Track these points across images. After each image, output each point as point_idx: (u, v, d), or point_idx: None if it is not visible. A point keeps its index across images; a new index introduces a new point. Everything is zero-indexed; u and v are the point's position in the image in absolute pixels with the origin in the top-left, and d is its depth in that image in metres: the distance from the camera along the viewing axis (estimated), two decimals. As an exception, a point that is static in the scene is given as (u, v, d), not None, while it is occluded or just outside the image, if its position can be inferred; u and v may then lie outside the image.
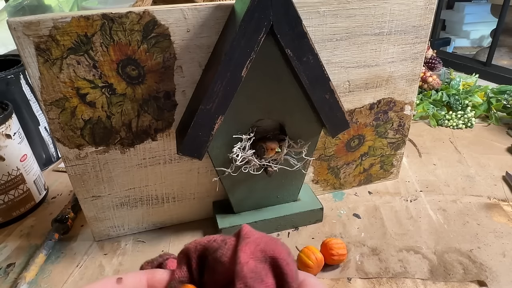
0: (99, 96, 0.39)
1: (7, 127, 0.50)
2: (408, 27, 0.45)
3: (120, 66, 0.38)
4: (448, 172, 0.60)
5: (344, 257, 0.42)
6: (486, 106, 0.78)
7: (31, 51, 0.35)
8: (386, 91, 0.50)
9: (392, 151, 0.56)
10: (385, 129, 0.53)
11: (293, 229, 0.49)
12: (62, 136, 0.40)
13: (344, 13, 0.42)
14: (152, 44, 0.38)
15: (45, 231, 0.50)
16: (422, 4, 0.44)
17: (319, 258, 0.40)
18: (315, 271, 0.41)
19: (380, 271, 0.42)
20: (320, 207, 0.49)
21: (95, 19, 0.35)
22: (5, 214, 0.51)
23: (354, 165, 0.55)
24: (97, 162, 0.43)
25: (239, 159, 0.41)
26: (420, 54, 0.48)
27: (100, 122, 0.40)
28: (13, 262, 0.45)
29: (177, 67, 0.40)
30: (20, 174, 0.52)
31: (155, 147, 0.44)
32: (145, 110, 0.41)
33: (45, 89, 0.37)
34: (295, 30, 0.34)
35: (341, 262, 0.42)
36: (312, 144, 0.44)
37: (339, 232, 0.48)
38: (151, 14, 0.36)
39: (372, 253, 0.45)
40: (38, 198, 0.55)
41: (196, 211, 0.50)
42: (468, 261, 0.43)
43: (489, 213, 0.51)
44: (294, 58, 0.36)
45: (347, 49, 0.44)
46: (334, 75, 0.45)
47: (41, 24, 0.34)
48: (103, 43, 0.36)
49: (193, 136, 0.36)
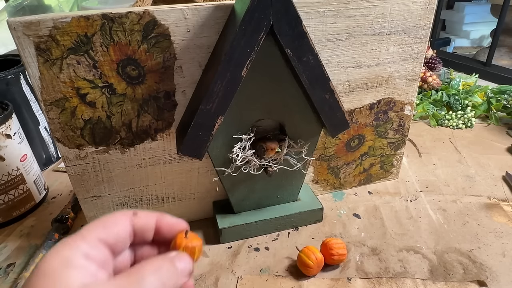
0: (99, 96, 0.39)
1: (7, 127, 0.50)
2: (408, 27, 0.45)
3: (120, 66, 0.38)
4: (448, 172, 0.60)
5: (344, 257, 0.42)
6: (486, 106, 0.78)
7: (31, 51, 0.35)
8: (386, 91, 0.50)
9: (392, 151, 0.56)
10: (385, 129, 0.53)
11: (293, 229, 0.49)
12: (62, 136, 0.40)
13: (344, 13, 0.42)
14: (152, 44, 0.38)
15: (45, 231, 0.50)
16: (422, 4, 0.44)
17: (319, 258, 0.40)
18: (315, 271, 0.41)
19: (380, 271, 0.42)
20: (320, 207, 0.49)
21: (95, 19, 0.35)
22: (5, 214, 0.51)
23: (354, 165, 0.55)
24: (97, 162, 0.43)
25: (239, 159, 0.41)
26: (420, 54, 0.48)
27: (100, 122, 0.40)
28: (13, 262, 0.45)
29: (177, 67, 0.40)
30: (20, 174, 0.52)
31: (155, 147, 0.44)
32: (145, 110, 0.41)
33: (45, 89, 0.37)
34: (295, 30, 0.34)
35: (341, 262, 0.42)
36: (312, 144, 0.44)
37: (339, 232, 0.48)
38: (151, 14, 0.36)
39: (372, 253, 0.45)
40: (38, 198, 0.55)
41: (196, 211, 0.50)
42: (468, 261, 0.43)
43: (489, 213, 0.51)
44: (294, 58, 0.36)
45: (347, 49, 0.44)
46: (334, 75, 0.45)
47: (41, 24, 0.34)
48: (103, 43, 0.36)
49: (193, 136, 0.36)
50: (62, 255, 0.22)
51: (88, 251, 0.23)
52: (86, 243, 0.23)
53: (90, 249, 0.23)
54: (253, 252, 0.45)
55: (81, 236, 0.23)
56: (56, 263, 0.21)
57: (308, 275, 0.41)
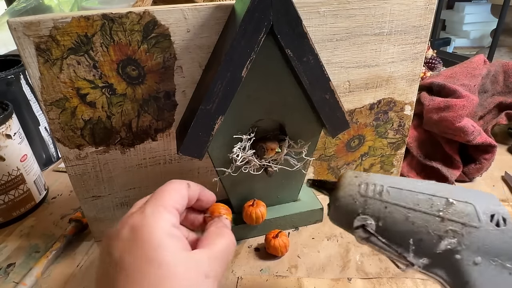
0: (99, 96, 0.39)
1: (7, 127, 0.50)
2: (408, 27, 0.45)
3: (120, 66, 0.38)
4: (448, 172, 0.60)
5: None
6: (486, 106, 0.78)
7: (32, 51, 0.35)
8: (386, 91, 0.50)
9: (392, 151, 0.56)
10: (385, 129, 0.53)
11: (293, 229, 0.49)
12: (62, 136, 0.40)
13: (344, 13, 0.42)
14: (152, 44, 0.38)
15: (45, 231, 0.50)
16: (422, 4, 0.44)
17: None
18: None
19: (380, 271, 0.42)
20: (320, 207, 0.49)
21: (95, 19, 0.35)
22: (5, 214, 0.51)
23: (354, 165, 0.55)
24: (97, 162, 0.43)
25: (239, 159, 0.41)
26: (420, 54, 0.48)
27: (100, 122, 0.40)
28: (13, 262, 0.45)
29: (177, 67, 0.40)
30: (20, 174, 0.52)
31: (155, 147, 0.44)
32: (145, 110, 0.41)
33: (45, 89, 0.37)
34: (295, 30, 0.34)
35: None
36: (312, 144, 0.44)
37: (339, 232, 0.48)
38: (151, 14, 0.36)
39: (372, 253, 0.45)
40: (38, 198, 0.56)
41: (196, 211, 0.50)
42: (468, 261, 0.43)
43: (489, 213, 0.51)
44: (294, 58, 0.36)
45: (347, 49, 0.44)
46: (334, 75, 0.45)
47: (41, 24, 0.34)
48: (103, 43, 0.36)
49: (193, 136, 0.36)
50: (161, 226, 0.25)
51: (173, 220, 0.26)
52: (169, 212, 0.26)
53: (173, 218, 0.27)
54: (253, 252, 0.45)
55: (163, 207, 0.26)
56: (159, 234, 0.24)
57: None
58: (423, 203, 0.26)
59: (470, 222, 0.25)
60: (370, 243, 0.28)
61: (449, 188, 0.27)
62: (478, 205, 0.25)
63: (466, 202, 0.26)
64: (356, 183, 0.29)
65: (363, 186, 0.28)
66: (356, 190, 0.28)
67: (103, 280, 0.25)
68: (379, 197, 0.27)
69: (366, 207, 0.28)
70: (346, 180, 0.29)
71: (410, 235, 0.26)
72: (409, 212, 0.26)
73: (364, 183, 0.28)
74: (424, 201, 0.26)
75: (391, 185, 0.28)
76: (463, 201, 0.26)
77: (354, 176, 0.29)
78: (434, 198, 0.26)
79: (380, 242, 0.27)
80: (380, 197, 0.27)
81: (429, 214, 0.26)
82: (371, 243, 0.28)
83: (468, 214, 0.25)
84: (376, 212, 0.27)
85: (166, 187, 0.29)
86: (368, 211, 0.27)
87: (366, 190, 0.28)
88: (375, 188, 0.28)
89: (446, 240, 0.25)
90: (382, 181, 0.28)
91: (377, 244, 0.27)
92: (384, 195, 0.27)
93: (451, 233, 0.25)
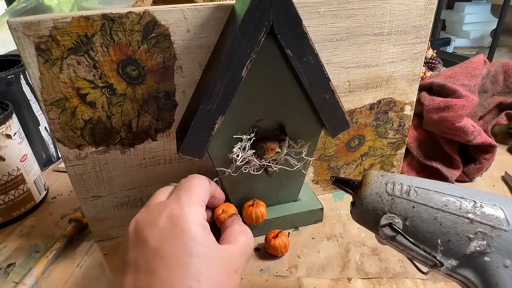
0: (99, 96, 0.39)
1: (7, 127, 0.50)
2: (408, 27, 0.45)
3: (120, 66, 0.38)
4: (448, 172, 0.60)
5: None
6: (486, 106, 0.78)
7: (31, 51, 0.35)
8: (386, 91, 0.50)
9: (392, 151, 0.56)
10: (385, 129, 0.53)
11: (293, 229, 0.49)
12: (62, 136, 0.40)
13: (344, 13, 0.42)
14: (152, 44, 0.38)
15: (45, 231, 0.50)
16: (422, 4, 0.44)
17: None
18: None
19: (380, 271, 0.42)
20: (320, 207, 0.49)
21: (95, 19, 0.35)
22: (5, 214, 0.51)
23: (354, 165, 0.55)
24: (97, 162, 0.43)
25: (239, 159, 0.41)
26: (420, 54, 0.48)
27: (100, 122, 0.40)
28: (13, 262, 0.45)
29: (177, 67, 0.40)
30: (20, 174, 0.52)
31: (155, 147, 0.44)
32: (145, 110, 0.41)
33: (45, 89, 0.37)
34: (295, 30, 0.34)
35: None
36: (312, 144, 0.44)
37: (339, 232, 0.48)
38: (151, 14, 0.36)
39: (372, 253, 0.45)
40: (38, 198, 0.56)
41: (196, 211, 0.50)
42: (468, 261, 0.43)
43: (489, 213, 0.51)
44: (294, 58, 0.36)
45: (347, 49, 0.44)
46: (334, 75, 0.45)
47: (41, 24, 0.34)
48: (103, 43, 0.36)
49: (193, 136, 0.36)
50: (196, 219, 0.26)
51: (204, 213, 0.28)
52: (200, 206, 0.28)
53: (203, 211, 0.28)
54: (253, 252, 0.45)
55: (193, 202, 0.28)
56: (194, 226, 0.26)
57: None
58: (452, 204, 0.26)
59: (499, 225, 0.25)
60: (395, 242, 0.28)
61: (476, 191, 0.27)
62: (506, 209, 0.26)
63: (494, 206, 0.26)
64: (382, 181, 0.28)
65: (389, 185, 0.28)
66: (383, 188, 0.28)
67: (136, 266, 0.25)
68: (407, 196, 0.27)
69: (393, 206, 0.27)
70: (372, 179, 0.29)
71: (438, 236, 0.26)
72: (437, 212, 0.26)
73: (391, 182, 0.28)
74: (452, 203, 0.26)
75: (418, 186, 0.28)
76: (491, 205, 0.26)
77: (380, 175, 0.29)
78: (462, 200, 0.26)
79: (407, 241, 0.27)
80: (408, 196, 0.27)
81: (457, 216, 0.26)
82: (396, 242, 0.28)
83: (497, 217, 0.25)
84: (403, 212, 0.27)
85: (193, 181, 0.30)
86: (395, 210, 0.27)
87: (393, 189, 0.28)
88: (402, 188, 0.28)
89: (475, 241, 0.25)
90: (409, 181, 0.28)
91: (403, 244, 0.27)
92: (411, 195, 0.27)
93: (480, 235, 0.25)
